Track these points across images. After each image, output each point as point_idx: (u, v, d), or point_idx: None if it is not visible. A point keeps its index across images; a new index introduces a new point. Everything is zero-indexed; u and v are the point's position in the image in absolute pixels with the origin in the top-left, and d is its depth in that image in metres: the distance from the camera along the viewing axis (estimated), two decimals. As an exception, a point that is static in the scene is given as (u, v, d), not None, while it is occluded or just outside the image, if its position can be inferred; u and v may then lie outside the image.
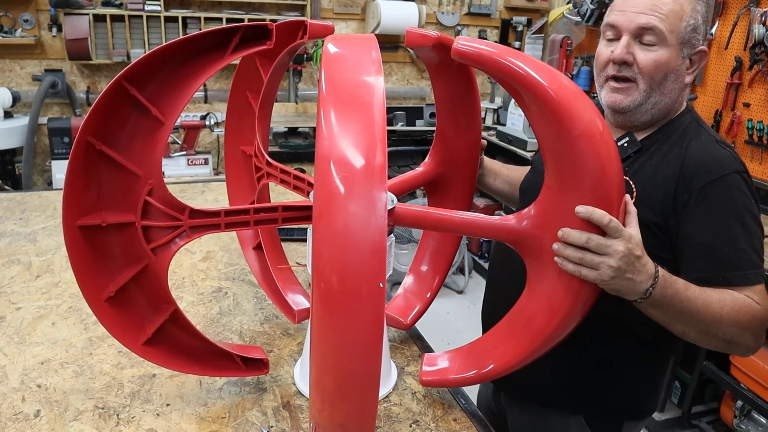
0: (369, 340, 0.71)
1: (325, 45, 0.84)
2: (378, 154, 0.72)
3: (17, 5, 3.55)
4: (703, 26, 1.13)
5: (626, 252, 0.91)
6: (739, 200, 1.06)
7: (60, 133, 3.52)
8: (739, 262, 1.04)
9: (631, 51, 1.12)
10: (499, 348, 1.07)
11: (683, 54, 1.12)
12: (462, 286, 4.05)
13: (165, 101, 0.96)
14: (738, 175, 1.07)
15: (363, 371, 0.73)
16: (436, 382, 1.14)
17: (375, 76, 0.78)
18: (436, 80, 1.23)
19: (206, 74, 0.97)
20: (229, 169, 1.45)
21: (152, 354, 1.05)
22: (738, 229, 1.05)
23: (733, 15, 2.89)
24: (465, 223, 1.02)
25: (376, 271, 0.69)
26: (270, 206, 1.04)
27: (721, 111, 2.99)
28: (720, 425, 2.67)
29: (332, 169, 0.71)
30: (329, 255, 0.70)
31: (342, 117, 0.74)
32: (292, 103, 3.93)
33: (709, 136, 1.15)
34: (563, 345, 1.03)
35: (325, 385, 0.75)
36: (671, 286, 0.97)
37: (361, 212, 0.70)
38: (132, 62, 0.91)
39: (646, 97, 1.13)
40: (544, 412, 1.29)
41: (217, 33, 0.97)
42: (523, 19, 4.42)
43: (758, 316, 1.02)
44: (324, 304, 0.71)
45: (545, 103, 0.87)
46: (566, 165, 0.92)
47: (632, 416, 1.27)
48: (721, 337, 1.02)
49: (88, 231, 0.98)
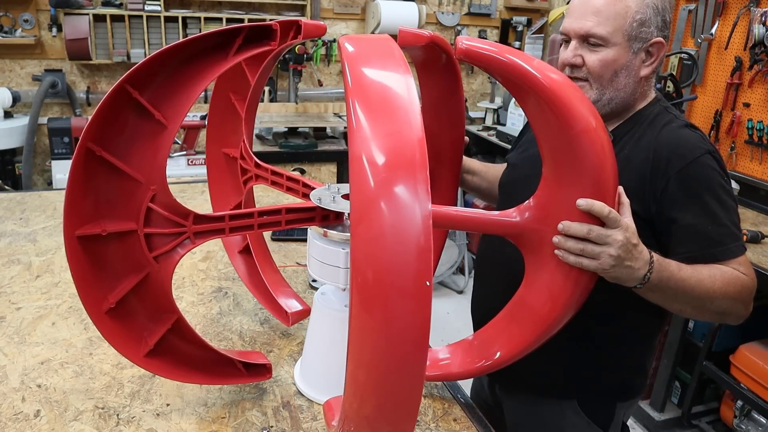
0: (416, 337, 0.70)
1: (342, 45, 0.82)
2: (418, 153, 0.70)
3: (17, 5, 3.55)
4: (656, 18, 1.16)
5: (625, 241, 0.96)
6: (713, 179, 1.12)
7: (60, 133, 3.52)
8: (722, 238, 1.10)
9: (579, 53, 1.18)
10: (502, 337, 1.08)
11: (633, 49, 1.16)
12: (462, 286, 4.05)
13: (168, 105, 0.94)
14: (710, 155, 1.13)
15: (407, 368, 0.72)
16: (439, 376, 1.15)
17: (404, 74, 0.76)
18: (423, 78, 1.24)
19: (209, 77, 0.95)
20: (212, 173, 1.42)
21: (154, 365, 1.03)
22: (716, 206, 1.11)
23: (733, 15, 2.89)
24: (467, 219, 1.03)
25: (423, 270, 0.68)
26: (274, 209, 1.03)
27: (721, 111, 2.99)
28: (720, 425, 2.67)
29: (369, 171, 0.69)
30: (371, 256, 0.68)
31: (376, 117, 0.72)
32: (292, 103, 3.93)
33: (678, 121, 1.20)
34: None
35: (357, 379, 0.74)
36: (666, 269, 1.03)
37: (406, 213, 0.69)
38: (134, 65, 0.90)
39: (600, 94, 1.18)
40: (539, 400, 1.33)
41: (220, 34, 0.95)
42: (523, 19, 4.42)
43: (746, 285, 1.09)
44: (365, 305, 0.70)
45: (547, 101, 0.89)
46: (567, 160, 0.95)
47: (624, 396, 1.32)
48: (715, 310, 1.09)
49: (88, 241, 0.95)
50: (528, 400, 1.35)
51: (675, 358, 2.66)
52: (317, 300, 1.16)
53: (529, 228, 1.02)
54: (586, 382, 1.28)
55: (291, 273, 1.67)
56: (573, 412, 1.29)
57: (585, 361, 1.26)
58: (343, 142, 3.78)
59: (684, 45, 3.22)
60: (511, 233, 1.04)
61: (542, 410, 1.33)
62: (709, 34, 3.00)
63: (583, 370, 1.27)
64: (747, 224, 2.54)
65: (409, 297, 0.69)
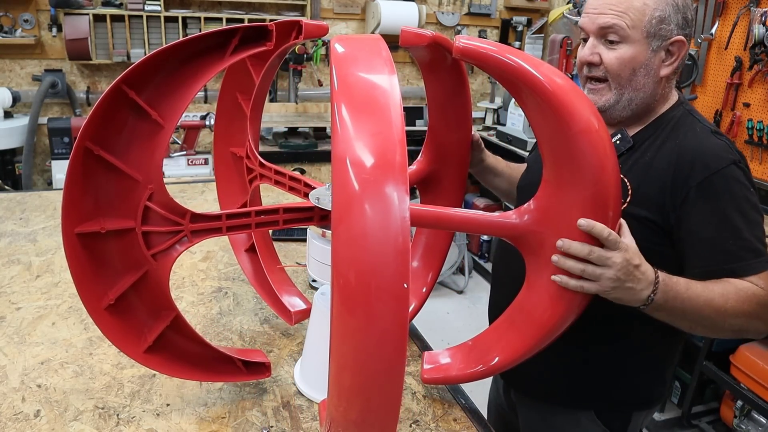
0: (394, 339, 0.70)
1: (333, 46, 0.83)
2: (398, 155, 0.70)
3: (17, 5, 3.55)
4: (676, 16, 1.12)
5: (624, 263, 0.93)
6: (737, 191, 1.07)
7: (60, 133, 3.52)
8: (743, 253, 1.05)
9: (596, 51, 1.14)
10: (501, 342, 1.07)
11: (652, 47, 1.12)
12: (462, 286, 4.05)
13: (165, 105, 0.95)
14: (735, 166, 1.08)
15: (387, 371, 0.72)
16: (439, 379, 1.14)
17: (389, 76, 0.77)
18: (428, 78, 1.23)
19: (206, 77, 0.96)
20: (219, 171, 1.44)
21: (154, 361, 1.04)
22: (739, 220, 1.06)
23: (733, 15, 2.89)
24: (467, 220, 1.02)
25: (401, 272, 0.68)
26: (271, 208, 1.04)
27: (721, 111, 2.99)
28: (720, 425, 2.67)
29: (351, 171, 0.70)
30: (351, 257, 0.69)
31: (359, 118, 0.73)
32: (292, 103, 3.93)
33: (703, 127, 1.15)
34: (571, 342, 1.03)
35: (342, 383, 0.75)
36: (672, 289, 0.99)
37: (384, 214, 0.69)
38: (131, 64, 0.91)
39: (619, 95, 1.15)
40: (554, 409, 1.29)
41: (216, 34, 0.95)
42: (523, 19, 4.42)
43: (763, 302, 1.03)
44: (346, 306, 0.70)
45: (545, 100, 0.88)
46: (566, 161, 0.94)
47: (641, 406, 1.28)
48: (729, 329, 1.04)
49: (87, 238, 0.96)
50: (543, 408, 1.31)
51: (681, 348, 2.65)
52: (317, 300, 1.16)
53: (528, 230, 1.01)
54: (603, 391, 1.24)
55: (291, 273, 1.67)
56: (588, 421, 1.25)
57: (600, 373, 1.23)
58: (343, 142, 3.78)
59: (684, 45, 3.21)
60: (510, 235, 1.03)
61: (557, 419, 1.29)
62: (709, 34, 3.00)
63: (600, 379, 1.23)
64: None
65: (388, 299, 0.69)
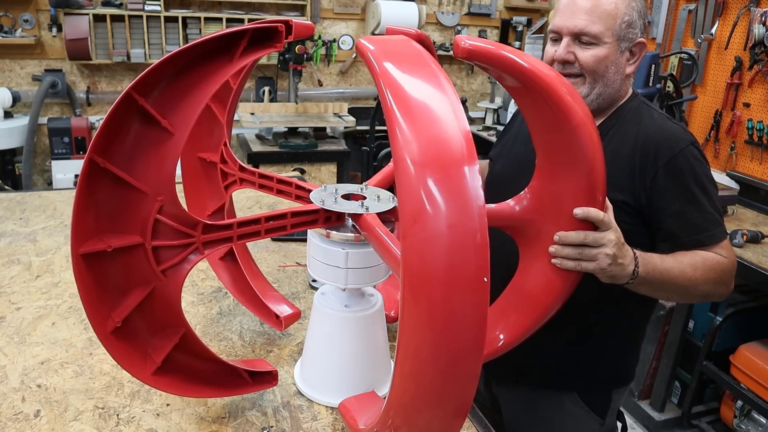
0: (474, 333, 0.71)
1: (364, 47, 0.80)
2: (466, 147, 0.70)
3: (17, 5, 3.55)
4: (639, 21, 1.25)
5: (616, 240, 1.02)
6: (697, 168, 1.21)
7: (60, 133, 3.53)
8: (707, 224, 1.19)
9: (571, 50, 1.24)
10: (501, 323, 1.09)
11: (621, 48, 1.24)
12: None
13: (175, 111, 0.90)
14: (692, 146, 1.22)
15: (465, 364, 0.73)
16: None
17: (438, 71, 0.77)
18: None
19: (216, 81, 0.91)
20: (187, 177, 1.37)
21: (162, 383, 0.99)
22: (701, 195, 1.20)
23: (733, 15, 2.89)
24: None
25: (481, 267, 0.69)
26: (279, 213, 1.01)
27: (721, 111, 2.99)
28: (720, 425, 2.67)
29: (420, 172, 0.69)
30: (430, 256, 0.69)
31: (418, 118, 0.72)
32: (292, 103, 3.93)
33: (660, 114, 1.29)
34: (549, 326, 1.07)
35: (421, 382, 0.74)
36: (649, 262, 1.09)
37: (462, 211, 0.69)
38: (134, 65, 0.88)
39: (590, 89, 1.25)
40: (538, 394, 1.36)
41: (224, 37, 0.91)
42: (523, 19, 4.42)
43: (726, 269, 1.18)
44: (424, 306, 0.70)
45: (547, 97, 0.92)
46: (563, 152, 0.99)
47: (619, 383, 1.38)
48: (699, 295, 1.19)
49: (93, 258, 0.90)
50: (526, 396, 1.37)
51: (675, 358, 2.66)
52: (317, 300, 1.16)
53: (524, 218, 1.05)
54: (585, 372, 1.32)
55: (291, 273, 1.67)
56: (572, 403, 1.32)
57: (583, 352, 1.31)
58: (343, 142, 3.78)
59: (684, 45, 3.22)
60: (508, 224, 1.07)
61: (541, 403, 1.36)
62: (709, 34, 3.00)
63: (582, 360, 1.31)
64: (747, 224, 2.55)
65: (468, 293, 0.70)
